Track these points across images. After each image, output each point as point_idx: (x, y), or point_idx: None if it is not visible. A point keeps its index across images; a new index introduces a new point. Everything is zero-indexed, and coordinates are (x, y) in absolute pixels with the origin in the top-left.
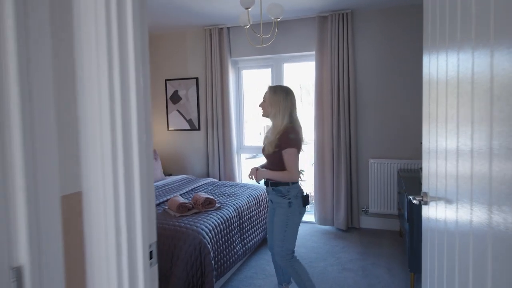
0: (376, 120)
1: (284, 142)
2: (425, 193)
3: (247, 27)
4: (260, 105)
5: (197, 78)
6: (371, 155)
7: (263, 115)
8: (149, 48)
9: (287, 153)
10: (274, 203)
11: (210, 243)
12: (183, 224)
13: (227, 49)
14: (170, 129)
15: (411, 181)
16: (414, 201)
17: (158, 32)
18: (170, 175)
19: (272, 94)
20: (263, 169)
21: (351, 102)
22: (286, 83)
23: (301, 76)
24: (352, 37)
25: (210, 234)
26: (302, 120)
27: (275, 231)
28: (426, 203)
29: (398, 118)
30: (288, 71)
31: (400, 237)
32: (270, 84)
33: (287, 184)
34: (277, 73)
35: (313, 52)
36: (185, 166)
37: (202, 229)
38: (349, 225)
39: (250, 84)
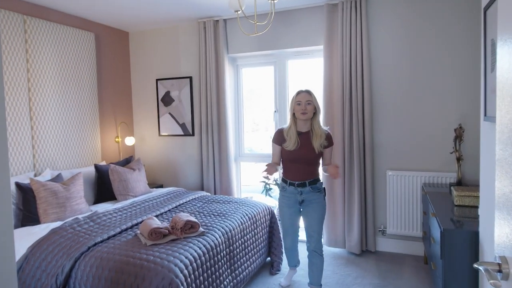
0: (395, 124)
1: (331, 140)
2: (506, 259)
3: (239, 12)
4: (307, 108)
5: (190, 78)
6: (389, 165)
7: (306, 118)
8: (139, 45)
9: (331, 149)
10: (307, 201)
11: (186, 283)
12: (152, 258)
13: (224, 44)
14: (161, 134)
15: (439, 199)
16: (491, 283)
17: (147, 28)
18: (161, 186)
19: (315, 97)
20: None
21: (366, 104)
22: (291, 82)
23: (308, 74)
24: (366, 27)
25: (187, 270)
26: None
27: (318, 225)
28: (507, 278)
29: (422, 122)
30: (292, 69)
31: (425, 264)
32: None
33: (319, 180)
34: (281, 71)
35: (321, 47)
36: (178, 176)
37: (176, 264)
38: (364, 248)
39: (252, 84)
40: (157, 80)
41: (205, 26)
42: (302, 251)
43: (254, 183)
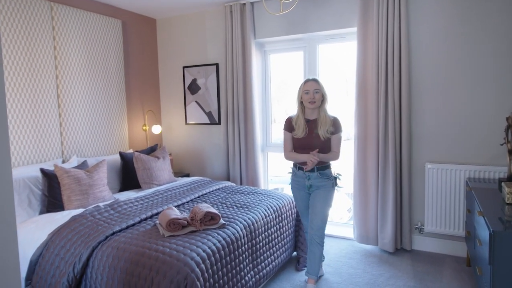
0: (436, 112)
1: (338, 127)
2: None
3: None
4: (315, 97)
5: (217, 65)
6: (428, 158)
7: (315, 107)
8: (166, 32)
9: (338, 137)
10: (314, 187)
11: (203, 278)
12: (168, 250)
13: (251, 28)
14: (188, 122)
15: (487, 195)
16: None
17: (174, 14)
18: (187, 175)
19: (322, 85)
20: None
21: (403, 90)
22: (321, 68)
23: (340, 59)
24: (405, 5)
25: (204, 265)
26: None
27: (321, 212)
28: None
29: (468, 110)
30: (323, 54)
31: (467, 266)
32: (306, 73)
33: (329, 167)
34: (311, 56)
35: (355, 29)
36: (205, 166)
37: (193, 258)
38: (398, 246)
39: (280, 71)
40: (183, 67)
41: (231, 10)
42: (329, 244)
43: (283, 174)
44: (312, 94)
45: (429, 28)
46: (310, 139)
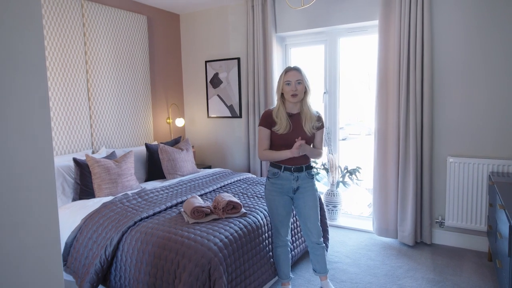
0: (459, 105)
1: (322, 123)
2: None
3: None
4: (297, 89)
5: (238, 59)
6: (450, 151)
7: (297, 100)
8: (189, 27)
9: (322, 133)
10: (302, 188)
11: (225, 263)
12: (192, 236)
13: (272, 22)
14: (210, 116)
15: (509, 189)
16: None
17: (197, 9)
18: (209, 167)
19: (305, 75)
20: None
21: (425, 83)
22: (342, 62)
23: (361, 52)
24: None
25: (226, 250)
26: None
27: (315, 215)
28: None
29: (492, 103)
30: (344, 48)
31: (489, 261)
32: (304, 65)
33: (312, 166)
34: (331, 50)
35: (376, 21)
36: (226, 158)
37: (216, 244)
38: (418, 239)
39: (301, 65)
40: (206, 62)
41: (253, 4)
42: (347, 236)
43: None
44: (294, 86)
45: (452, 20)
46: (294, 135)
